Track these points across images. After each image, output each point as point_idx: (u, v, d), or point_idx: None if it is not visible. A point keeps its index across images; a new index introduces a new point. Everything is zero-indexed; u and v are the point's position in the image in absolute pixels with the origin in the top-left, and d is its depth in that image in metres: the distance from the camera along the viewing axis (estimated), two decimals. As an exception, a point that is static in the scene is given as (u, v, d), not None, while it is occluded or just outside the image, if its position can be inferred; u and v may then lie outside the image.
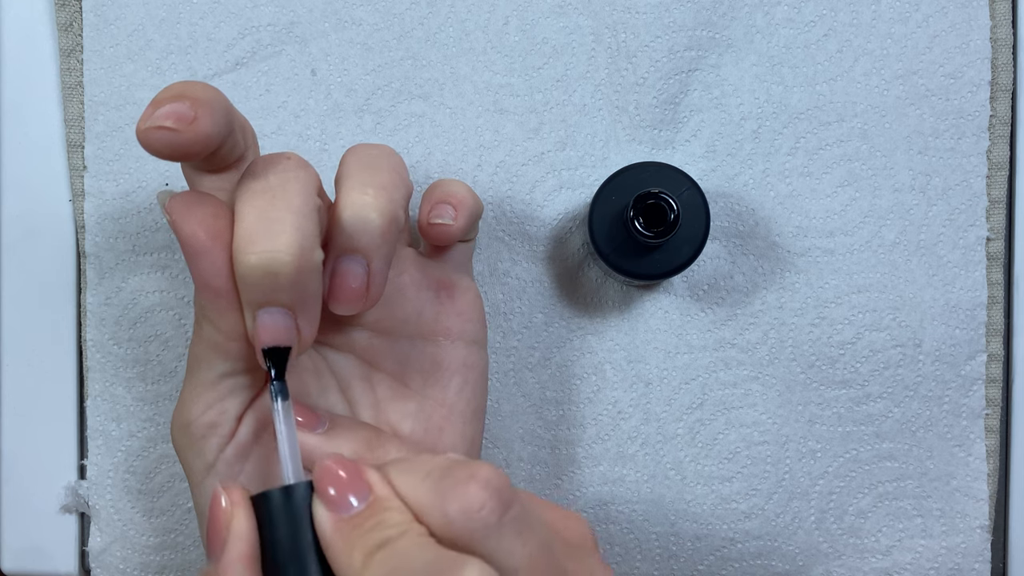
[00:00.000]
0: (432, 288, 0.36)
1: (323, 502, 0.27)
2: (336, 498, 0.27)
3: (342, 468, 0.27)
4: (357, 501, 0.27)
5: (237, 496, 0.28)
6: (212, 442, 0.31)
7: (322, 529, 0.27)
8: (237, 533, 0.27)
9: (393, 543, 0.26)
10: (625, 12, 0.41)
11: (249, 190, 0.29)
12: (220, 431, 0.31)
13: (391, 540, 0.26)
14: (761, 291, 0.42)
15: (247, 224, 0.28)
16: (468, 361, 0.36)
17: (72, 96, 0.42)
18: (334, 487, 0.27)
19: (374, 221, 0.30)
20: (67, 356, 0.43)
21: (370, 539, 0.26)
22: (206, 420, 0.31)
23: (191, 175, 0.32)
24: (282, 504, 0.27)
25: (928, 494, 0.42)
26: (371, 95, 0.42)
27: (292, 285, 0.28)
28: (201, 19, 0.42)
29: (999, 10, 0.42)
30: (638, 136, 0.42)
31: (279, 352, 0.30)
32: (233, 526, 0.27)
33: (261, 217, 0.28)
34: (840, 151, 0.42)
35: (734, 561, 0.42)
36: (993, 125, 0.42)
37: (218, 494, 0.28)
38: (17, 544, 0.43)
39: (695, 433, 0.42)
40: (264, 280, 0.28)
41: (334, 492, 0.27)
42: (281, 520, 0.27)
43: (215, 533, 0.27)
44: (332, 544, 0.27)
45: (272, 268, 0.28)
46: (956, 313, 0.41)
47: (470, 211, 0.36)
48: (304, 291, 0.29)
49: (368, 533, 0.26)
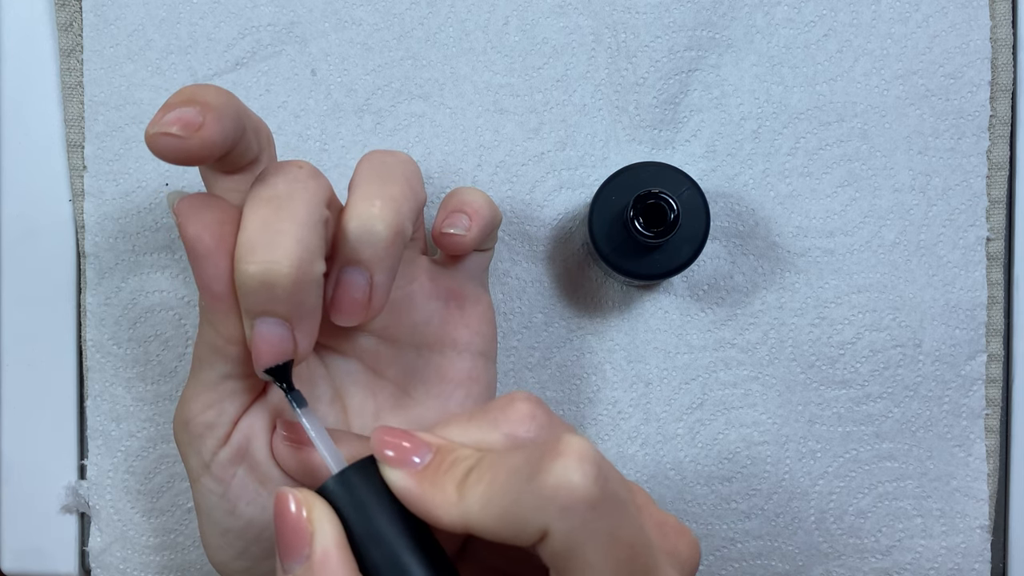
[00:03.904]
0: (442, 297, 0.36)
1: (393, 464, 0.27)
2: (404, 456, 0.27)
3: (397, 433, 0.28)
4: (420, 457, 0.27)
5: (306, 493, 0.27)
6: (208, 442, 0.31)
7: (403, 487, 0.27)
8: (322, 524, 0.27)
9: (480, 465, 0.27)
10: (625, 12, 0.41)
11: (256, 198, 0.29)
12: (216, 432, 0.31)
13: (475, 465, 0.27)
14: (761, 291, 0.42)
15: (249, 233, 0.28)
16: (473, 374, 0.36)
17: (72, 96, 0.42)
18: (395, 450, 0.28)
19: (379, 234, 0.30)
20: (67, 356, 0.43)
21: (456, 472, 0.27)
22: (204, 420, 0.31)
23: (207, 175, 0.32)
24: (349, 486, 0.27)
25: (928, 494, 0.42)
26: (371, 95, 0.42)
27: (289, 297, 0.28)
28: (201, 19, 0.42)
29: (999, 10, 0.42)
30: (638, 136, 0.42)
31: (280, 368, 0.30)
32: (315, 519, 0.27)
33: (264, 226, 0.28)
34: (840, 151, 0.42)
35: (734, 561, 0.42)
36: (993, 125, 0.42)
37: (284, 497, 0.27)
38: (17, 544, 0.43)
39: (695, 433, 0.42)
40: (261, 290, 0.28)
41: (397, 453, 0.27)
42: (356, 500, 0.27)
43: (293, 535, 0.27)
44: (419, 494, 0.27)
45: (269, 279, 0.28)
46: (956, 313, 0.41)
47: (485, 221, 0.35)
48: (302, 303, 0.29)
49: (450, 469, 0.27)
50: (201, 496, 0.32)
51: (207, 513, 0.32)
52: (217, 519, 0.32)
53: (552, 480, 0.25)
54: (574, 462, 0.25)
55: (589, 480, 0.25)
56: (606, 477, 0.25)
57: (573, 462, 0.25)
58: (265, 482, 0.32)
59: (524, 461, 0.26)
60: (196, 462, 0.32)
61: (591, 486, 0.25)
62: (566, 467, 0.25)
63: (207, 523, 0.33)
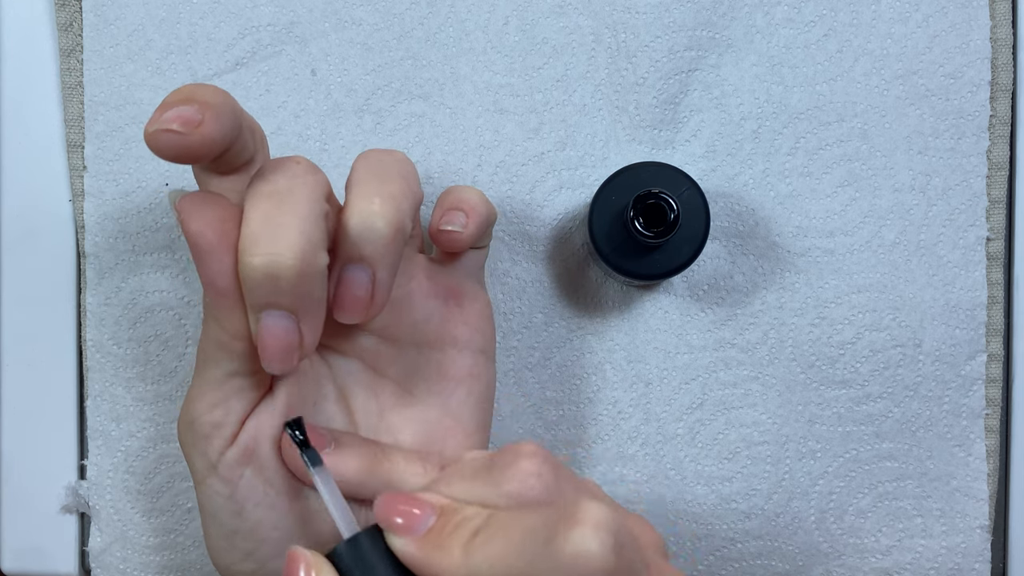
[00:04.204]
0: (440, 296, 0.36)
1: (397, 531, 0.28)
2: (408, 523, 0.28)
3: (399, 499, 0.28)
4: (426, 520, 0.28)
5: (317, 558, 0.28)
6: (215, 442, 0.31)
7: (407, 553, 0.28)
8: None
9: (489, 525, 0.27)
10: (625, 12, 0.41)
11: (257, 193, 0.29)
12: (223, 432, 0.31)
13: (482, 526, 0.27)
14: (761, 291, 0.42)
15: (252, 226, 0.28)
16: (474, 371, 0.36)
17: (72, 96, 0.42)
18: (400, 515, 0.28)
19: (380, 230, 0.30)
20: (67, 356, 0.43)
21: (461, 534, 0.27)
22: (210, 419, 0.31)
23: (201, 176, 0.32)
24: (359, 551, 0.28)
25: (928, 494, 0.42)
26: (371, 95, 0.42)
27: (294, 288, 0.28)
28: (201, 19, 0.42)
29: (999, 10, 0.42)
30: (638, 136, 0.42)
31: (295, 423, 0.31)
32: None
33: (266, 220, 0.28)
34: (840, 151, 0.42)
35: (734, 561, 0.42)
36: (993, 125, 0.42)
37: (296, 558, 0.28)
38: (17, 544, 0.43)
39: (695, 433, 0.42)
40: (266, 282, 0.28)
41: (402, 520, 0.28)
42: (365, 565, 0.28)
43: None
44: (424, 558, 0.27)
45: (274, 270, 0.28)
46: (956, 313, 0.41)
47: (482, 218, 0.36)
48: (307, 295, 0.29)
49: (455, 532, 0.27)
50: (207, 498, 0.32)
51: (213, 515, 0.32)
52: (224, 521, 0.32)
53: (570, 548, 0.25)
54: (592, 530, 0.25)
55: (607, 549, 0.25)
56: (622, 545, 0.26)
57: (591, 530, 0.25)
58: (273, 482, 0.32)
59: (541, 524, 0.26)
60: (202, 463, 0.32)
61: (609, 555, 0.25)
62: (584, 536, 0.25)
63: (213, 525, 0.32)
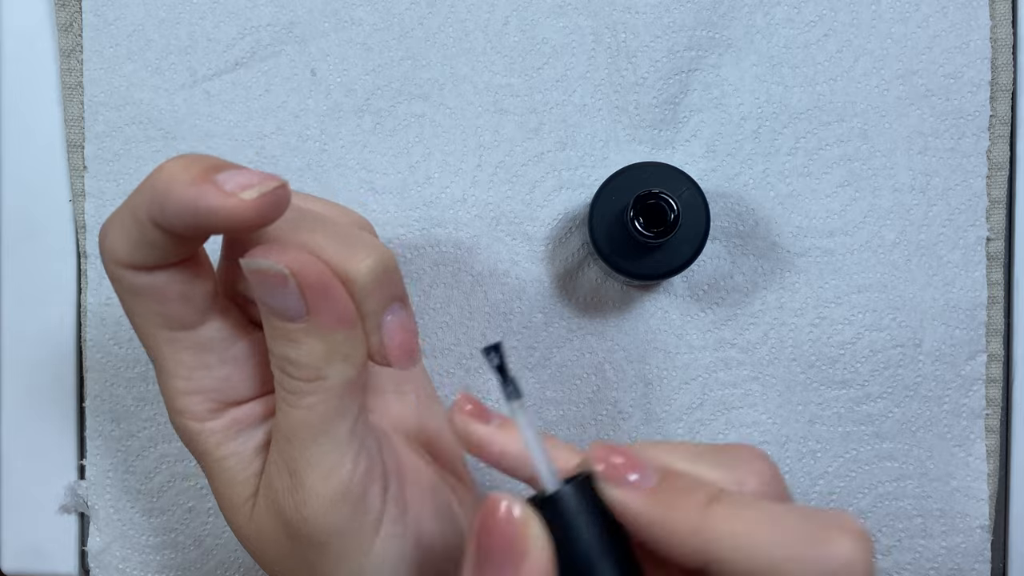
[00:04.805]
0: None
1: (618, 483, 0.26)
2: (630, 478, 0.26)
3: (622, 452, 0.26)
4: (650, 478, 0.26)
5: (525, 508, 0.25)
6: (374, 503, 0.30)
7: (634, 507, 0.25)
8: (537, 543, 0.25)
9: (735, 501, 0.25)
10: (625, 12, 0.41)
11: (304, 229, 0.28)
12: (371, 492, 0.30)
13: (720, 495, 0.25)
14: (761, 291, 0.42)
15: (335, 246, 0.28)
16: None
17: (72, 96, 0.42)
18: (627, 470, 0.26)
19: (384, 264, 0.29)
20: (67, 356, 0.43)
21: (696, 497, 0.25)
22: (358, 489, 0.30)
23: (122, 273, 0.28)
24: (565, 504, 0.26)
25: (928, 494, 0.42)
26: (371, 95, 0.42)
27: (400, 276, 0.29)
28: (201, 19, 0.42)
29: (999, 10, 0.42)
30: (638, 136, 0.42)
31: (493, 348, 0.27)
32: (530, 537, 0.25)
33: (335, 236, 0.28)
34: (840, 151, 0.42)
35: (734, 561, 0.42)
36: (993, 125, 0.42)
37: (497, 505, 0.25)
38: (17, 544, 0.43)
39: (695, 433, 0.42)
40: (384, 277, 0.28)
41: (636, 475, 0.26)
42: (568, 522, 0.26)
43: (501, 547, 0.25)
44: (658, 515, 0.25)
45: (385, 263, 0.28)
46: (956, 313, 0.41)
47: None
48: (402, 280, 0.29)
49: (690, 492, 0.25)
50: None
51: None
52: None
53: (842, 553, 0.24)
54: (862, 542, 0.25)
55: (868, 566, 0.25)
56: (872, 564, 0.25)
57: (861, 542, 0.25)
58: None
59: (804, 520, 0.25)
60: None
61: (871, 570, 0.25)
62: (856, 546, 0.24)
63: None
